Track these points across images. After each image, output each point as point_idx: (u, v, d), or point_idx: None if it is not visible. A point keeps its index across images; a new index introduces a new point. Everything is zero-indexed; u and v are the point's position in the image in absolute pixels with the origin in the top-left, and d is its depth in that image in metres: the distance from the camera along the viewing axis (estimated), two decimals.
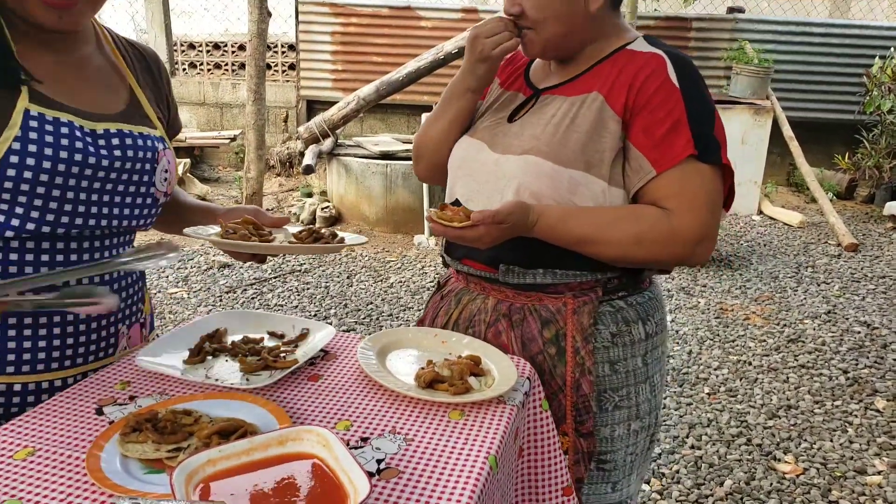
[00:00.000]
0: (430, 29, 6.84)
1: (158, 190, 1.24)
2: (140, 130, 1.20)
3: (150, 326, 1.39)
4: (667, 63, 1.18)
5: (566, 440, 1.24)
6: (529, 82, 1.35)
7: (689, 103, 1.15)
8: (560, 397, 1.23)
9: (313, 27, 6.98)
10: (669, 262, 1.22)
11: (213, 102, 7.52)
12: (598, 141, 1.18)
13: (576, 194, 1.18)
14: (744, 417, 2.91)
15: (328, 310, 3.96)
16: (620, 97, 1.18)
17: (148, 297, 1.36)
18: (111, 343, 1.22)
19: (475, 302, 1.32)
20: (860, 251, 5.19)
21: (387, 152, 5.49)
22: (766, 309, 4.09)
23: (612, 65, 1.22)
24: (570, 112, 1.21)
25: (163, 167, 1.24)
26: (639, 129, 1.17)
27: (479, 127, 1.36)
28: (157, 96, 1.32)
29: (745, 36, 6.76)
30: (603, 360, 1.24)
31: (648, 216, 1.16)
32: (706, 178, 1.16)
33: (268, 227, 1.29)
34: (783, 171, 7.11)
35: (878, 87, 6.33)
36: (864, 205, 6.58)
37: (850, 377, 3.26)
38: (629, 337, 1.25)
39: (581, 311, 1.23)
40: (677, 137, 1.15)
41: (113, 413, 1.02)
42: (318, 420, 1.02)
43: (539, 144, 1.21)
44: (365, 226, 5.49)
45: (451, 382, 1.07)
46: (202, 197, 6.12)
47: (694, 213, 1.14)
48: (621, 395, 1.26)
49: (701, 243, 1.16)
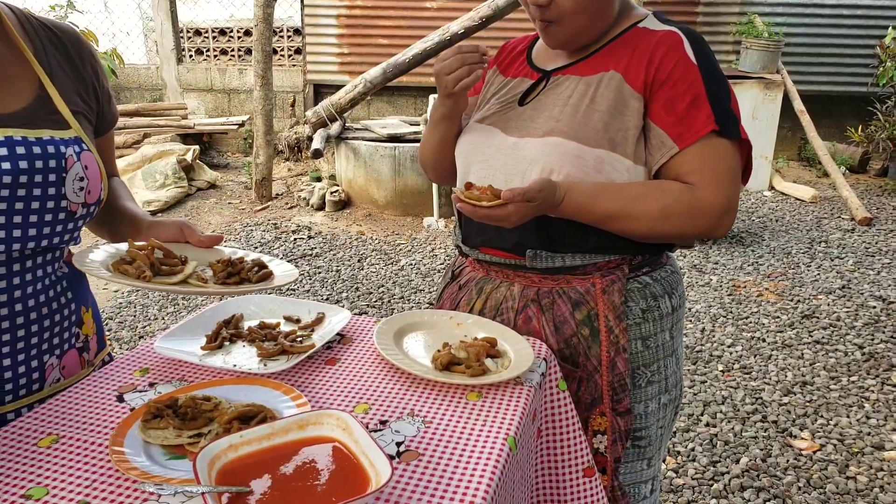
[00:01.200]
0: (435, 10, 6.78)
1: (73, 202, 1.07)
2: (39, 135, 1.03)
3: (100, 345, 1.26)
4: (683, 39, 1.18)
5: (604, 420, 1.24)
6: (534, 65, 1.34)
7: (706, 79, 1.16)
8: (596, 378, 1.23)
9: (319, 10, 6.94)
10: (694, 236, 1.22)
11: (221, 88, 7.50)
12: (620, 119, 1.18)
13: (602, 173, 1.18)
14: (759, 394, 2.90)
15: (340, 293, 3.97)
16: (640, 75, 1.18)
17: (88, 316, 1.22)
18: (34, 378, 1.09)
19: (499, 290, 1.31)
20: (874, 225, 5.13)
21: (395, 135, 5.47)
22: (780, 285, 4.07)
23: (625, 43, 1.22)
24: (588, 92, 1.21)
25: (75, 175, 1.05)
26: (659, 105, 1.17)
27: (486, 113, 1.34)
28: (79, 86, 1.15)
29: (755, 9, 6.66)
30: (635, 337, 1.24)
31: (673, 190, 1.16)
32: (727, 152, 1.17)
33: (197, 246, 1.18)
34: (794, 145, 7.03)
35: (891, 58, 6.22)
36: (878, 178, 6.50)
37: (866, 352, 3.25)
38: (658, 312, 1.26)
39: (611, 290, 1.23)
40: (698, 113, 1.15)
41: (133, 400, 1.03)
42: (337, 403, 1.03)
43: (559, 125, 1.20)
44: (374, 209, 5.49)
45: (468, 364, 1.07)
46: (211, 184, 6.13)
47: (717, 186, 1.15)
48: (653, 371, 1.27)
49: (725, 215, 1.17)
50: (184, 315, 3.65)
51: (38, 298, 1.08)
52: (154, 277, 1.06)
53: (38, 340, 1.09)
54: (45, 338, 1.10)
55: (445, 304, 1.42)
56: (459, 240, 1.39)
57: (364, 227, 5.15)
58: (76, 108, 1.13)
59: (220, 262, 1.14)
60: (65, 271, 1.16)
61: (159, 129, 6.69)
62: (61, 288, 1.14)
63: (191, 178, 6.04)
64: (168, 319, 3.68)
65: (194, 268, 1.11)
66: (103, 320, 2.62)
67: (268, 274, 1.16)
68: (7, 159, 0.98)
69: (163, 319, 3.68)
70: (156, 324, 3.62)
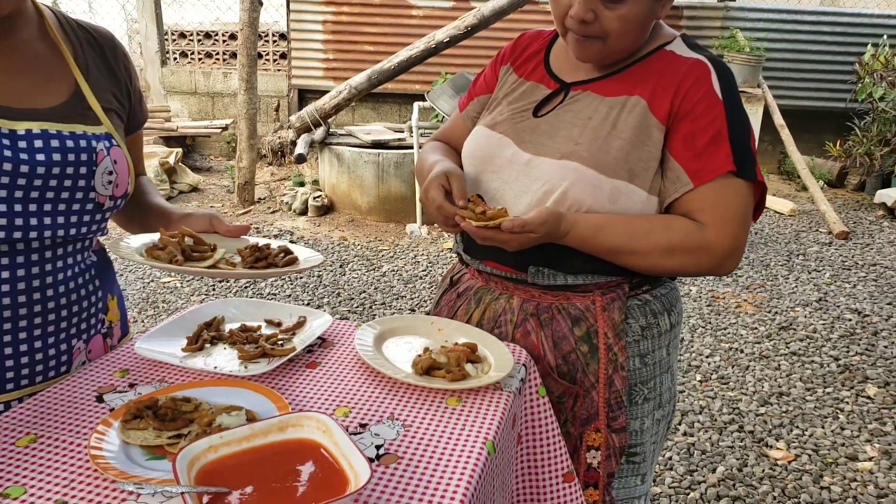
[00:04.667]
0: (421, 18, 6.81)
1: (101, 195, 1.12)
2: (72, 129, 1.08)
3: (123, 331, 1.31)
4: (711, 71, 1.15)
5: (599, 436, 1.24)
6: (552, 73, 1.29)
7: (730, 115, 1.13)
8: (593, 394, 1.23)
9: (305, 16, 6.94)
10: (697, 274, 1.22)
11: (205, 92, 7.47)
12: (641, 149, 1.15)
13: (616, 203, 1.16)
14: (736, 404, 2.94)
15: (321, 298, 3.96)
16: (664, 104, 1.15)
17: (114, 304, 1.28)
18: (63, 361, 1.14)
19: (498, 302, 1.29)
20: (851, 239, 5.22)
21: (379, 141, 5.48)
22: (758, 297, 4.13)
23: (651, 67, 1.18)
24: (611, 116, 1.17)
25: (104, 169, 1.11)
26: (678, 138, 1.14)
27: (497, 119, 1.29)
28: (113, 85, 1.20)
29: (736, 24, 6.76)
30: (634, 354, 1.23)
31: (681, 227, 1.14)
32: (741, 193, 1.15)
33: (225, 235, 1.24)
34: (774, 159, 7.14)
35: (869, 74, 6.34)
36: (855, 192, 6.61)
37: (842, 364, 3.30)
38: (657, 329, 1.25)
39: (611, 308, 1.22)
40: (717, 150, 1.13)
41: (113, 400, 1.03)
42: (317, 407, 1.03)
43: (579, 149, 1.16)
44: (357, 214, 5.49)
45: (448, 369, 1.08)
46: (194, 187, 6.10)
47: (726, 226, 1.13)
48: (649, 388, 1.26)
49: (731, 256, 1.15)
50: (163, 318, 3.62)
51: (67, 285, 1.13)
52: (185, 262, 1.11)
53: (67, 325, 1.14)
54: (73, 322, 1.15)
55: (443, 311, 1.40)
56: (461, 248, 1.36)
57: (346, 233, 5.15)
58: (109, 105, 1.18)
59: (249, 248, 1.19)
60: (93, 260, 1.21)
61: None
62: (89, 276, 1.19)
63: (173, 180, 6.00)
64: (147, 322, 3.65)
65: (223, 254, 1.16)
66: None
67: (293, 259, 1.19)
68: (42, 151, 1.03)
69: (142, 322, 3.65)
70: (135, 327, 3.59)
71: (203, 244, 1.17)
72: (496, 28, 5.85)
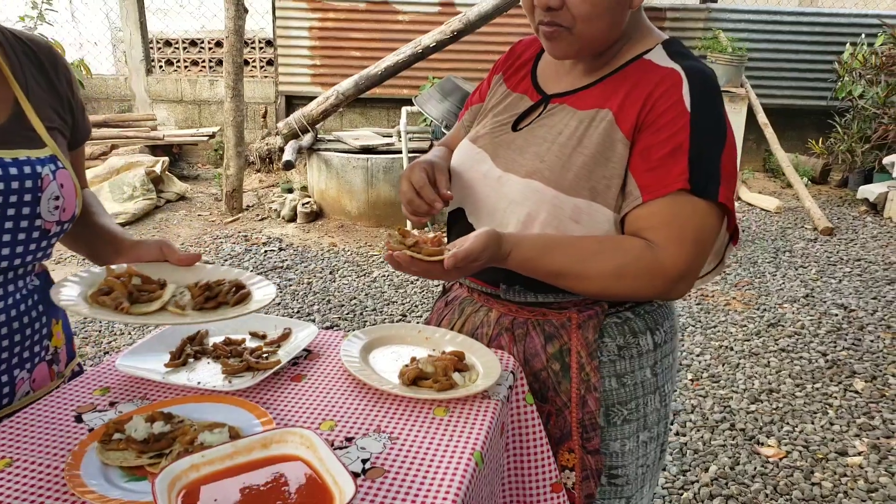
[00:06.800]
0: (407, 23, 6.81)
1: (48, 221, 1.07)
2: (15, 155, 1.03)
3: (69, 355, 1.26)
4: (683, 81, 1.08)
5: (573, 457, 1.20)
6: (536, 83, 1.26)
7: (696, 129, 1.06)
8: (566, 413, 1.19)
9: (291, 23, 6.92)
10: (648, 297, 1.17)
11: (191, 100, 7.43)
12: (605, 166, 1.10)
13: (581, 223, 1.11)
14: (727, 402, 2.95)
15: (311, 306, 3.94)
16: (631, 116, 1.10)
17: (58, 328, 1.22)
18: (4, 393, 1.09)
19: (478, 314, 1.29)
20: (836, 235, 5.26)
21: (367, 146, 5.46)
22: (746, 294, 4.14)
23: (626, 77, 1.13)
24: (578, 131, 1.14)
25: (50, 195, 1.05)
26: (637, 150, 1.09)
27: (480, 132, 1.28)
28: (55, 101, 1.15)
29: (719, 25, 6.80)
30: (609, 374, 1.19)
31: (631, 248, 1.07)
32: (697, 212, 1.07)
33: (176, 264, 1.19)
34: (759, 157, 7.18)
35: (849, 73, 6.40)
36: (839, 189, 6.66)
37: (829, 360, 3.32)
38: (636, 349, 1.20)
39: (586, 326, 1.18)
40: (673, 166, 1.06)
41: (93, 420, 1.01)
42: (303, 421, 1.02)
43: (542, 168, 1.13)
44: (347, 220, 5.47)
45: (435, 379, 1.07)
46: (181, 196, 6.06)
47: (679, 247, 1.06)
48: (630, 409, 1.21)
49: (682, 280, 1.08)
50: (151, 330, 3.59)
51: (8, 314, 1.07)
52: (131, 306, 1.06)
53: (9, 355, 1.09)
54: (15, 352, 1.09)
55: (434, 318, 1.40)
56: None
57: (336, 239, 5.13)
58: (51, 124, 1.12)
59: (199, 286, 1.14)
60: (35, 284, 1.15)
61: (128, 140, 6.60)
62: (32, 302, 1.13)
63: (160, 189, 5.96)
64: (135, 334, 3.61)
65: (172, 292, 1.12)
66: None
67: (245, 295, 1.15)
68: None
69: (129, 334, 3.61)
70: (122, 339, 3.56)
71: (151, 282, 1.12)
72: (482, 32, 5.86)
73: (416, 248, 1.06)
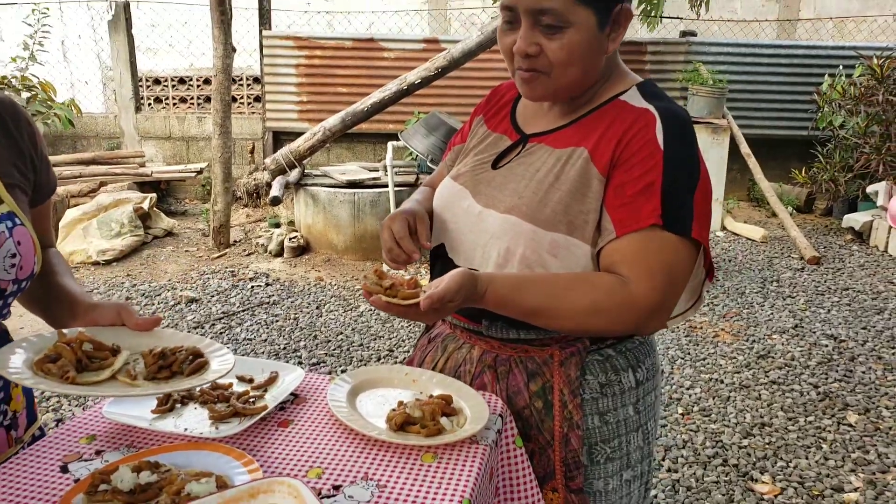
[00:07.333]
0: (393, 60, 6.90)
1: (3, 279, 1.04)
2: None
3: (30, 419, 1.22)
4: (656, 121, 1.11)
5: (557, 496, 1.20)
6: (516, 124, 1.29)
7: (668, 167, 1.09)
8: (549, 452, 1.20)
9: (278, 60, 6.99)
10: (622, 333, 1.17)
11: (179, 136, 7.45)
12: (581, 201, 1.13)
13: (558, 258, 1.13)
14: (719, 437, 2.93)
15: (298, 342, 3.91)
16: (606, 154, 1.12)
17: (17, 391, 1.18)
18: None
19: (461, 351, 1.29)
20: (822, 264, 5.30)
21: (354, 181, 5.49)
22: (735, 325, 4.16)
23: (602, 117, 1.16)
24: (555, 168, 1.16)
25: (6, 252, 1.03)
26: (612, 187, 1.11)
27: (461, 170, 1.31)
28: (16, 157, 1.13)
29: (699, 58, 6.94)
30: (592, 412, 1.19)
31: (603, 283, 1.09)
32: (669, 247, 1.08)
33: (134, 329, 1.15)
34: (743, 186, 7.27)
35: (828, 103, 6.54)
36: (824, 217, 6.74)
37: (821, 392, 3.31)
38: (618, 386, 1.21)
39: (568, 363, 1.19)
40: (646, 202, 1.08)
41: (78, 470, 0.99)
42: (290, 468, 1.01)
43: (520, 203, 1.16)
44: (333, 254, 5.47)
45: (423, 424, 1.07)
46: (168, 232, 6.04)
47: (651, 281, 1.07)
48: (613, 447, 1.21)
49: (655, 315, 1.09)
50: None
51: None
52: (79, 375, 1.02)
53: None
54: None
55: (416, 355, 1.41)
56: None
57: (323, 273, 5.12)
58: (11, 181, 1.11)
59: (153, 353, 1.10)
60: None
61: (116, 177, 6.59)
62: None
63: (147, 225, 5.94)
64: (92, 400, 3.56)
65: (125, 360, 1.08)
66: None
67: (202, 364, 1.11)
68: None
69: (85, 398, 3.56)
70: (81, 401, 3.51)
71: (103, 349, 1.08)
72: (466, 68, 5.95)
73: (392, 291, 1.07)
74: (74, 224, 5.56)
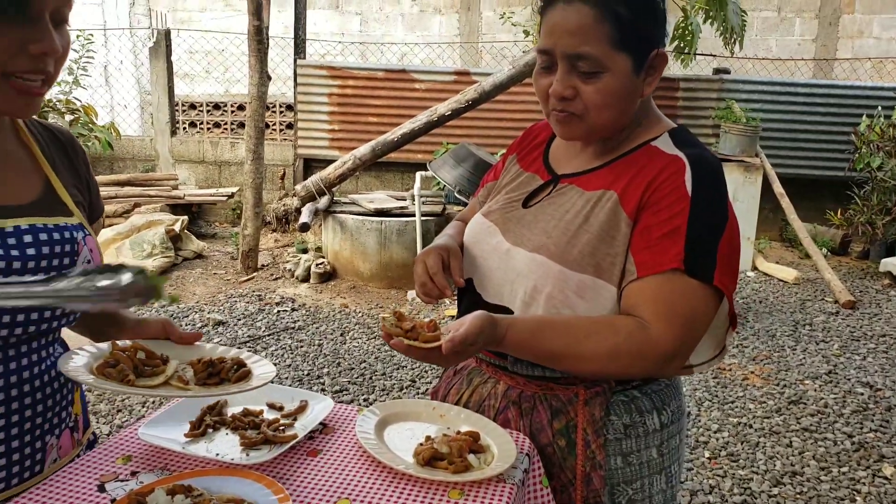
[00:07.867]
0: (423, 91, 6.99)
1: None
2: (55, 222, 1.12)
3: (85, 423, 1.29)
4: (686, 168, 1.12)
5: None
6: (548, 164, 1.31)
7: (695, 213, 1.09)
8: (570, 490, 1.19)
9: (311, 89, 7.13)
10: (641, 376, 1.18)
11: (212, 160, 7.61)
12: (609, 244, 1.14)
13: (585, 299, 1.14)
14: (747, 484, 2.86)
15: (321, 368, 3.92)
16: (634, 198, 1.14)
17: (77, 396, 1.26)
18: (37, 459, 1.12)
19: (486, 385, 1.30)
20: (858, 308, 5.18)
21: (381, 209, 5.54)
22: (765, 369, 4.07)
23: (633, 162, 1.18)
24: (584, 210, 1.17)
25: (84, 258, 1.14)
26: (638, 229, 1.13)
27: (492, 207, 1.33)
28: (75, 179, 1.24)
29: (732, 95, 6.93)
30: (615, 453, 1.19)
31: (623, 327, 1.09)
32: (689, 292, 1.08)
33: (178, 342, 1.25)
34: (776, 226, 7.18)
35: (866, 144, 6.45)
36: (860, 261, 6.60)
37: (856, 442, 3.21)
38: (643, 428, 1.20)
39: (593, 403, 1.19)
40: (670, 246, 1.09)
41: (115, 490, 1.01)
42: (318, 498, 1.01)
43: (548, 243, 1.17)
44: (359, 281, 5.50)
45: (451, 460, 1.06)
46: (198, 254, 6.14)
47: (670, 325, 1.07)
48: (635, 489, 1.20)
49: (674, 359, 1.09)
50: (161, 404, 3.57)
51: (42, 378, 1.12)
52: (136, 379, 1.11)
53: (42, 420, 1.12)
54: (47, 417, 1.13)
55: (442, 387, 1.41)
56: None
57: (348, 300, 5.14)
58: (76, 198, 1.21)
59: (202, 362, 1.18)
60: (60, 352, 1.19)
61: (150, 198, 6.74)
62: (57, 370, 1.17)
63: (178, 247, 6.04)
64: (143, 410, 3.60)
65: (175, 368, 1.16)
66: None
67: (246, 373, 1.19)
68: (32, 246, 1.06)
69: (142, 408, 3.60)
70: (135, 397, 3.55)
71: (154, 357, 1.16)
72: (497, 101, 6.00)
73: (413, 333, 1.08)
74: (108, 244, 5.67)
